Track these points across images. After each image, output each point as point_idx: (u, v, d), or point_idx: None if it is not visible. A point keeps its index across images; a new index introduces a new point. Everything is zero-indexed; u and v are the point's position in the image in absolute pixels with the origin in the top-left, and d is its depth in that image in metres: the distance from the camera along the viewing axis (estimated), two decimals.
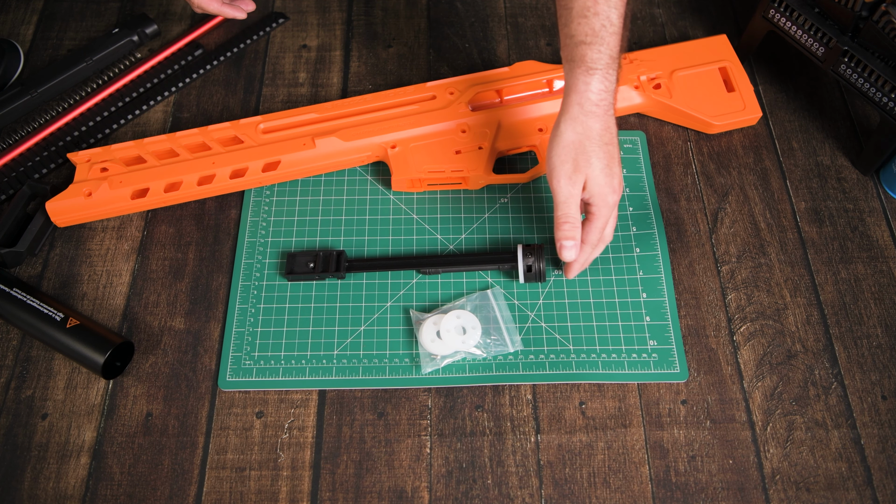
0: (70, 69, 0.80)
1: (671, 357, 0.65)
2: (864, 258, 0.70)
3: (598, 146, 0.58)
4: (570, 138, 0.59)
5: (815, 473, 0.60)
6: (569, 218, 0.60)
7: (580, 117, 0.58)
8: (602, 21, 0.57)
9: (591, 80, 0.58)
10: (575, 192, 0.59)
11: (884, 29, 0.66)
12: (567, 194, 0.59)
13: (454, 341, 0.63)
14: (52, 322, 0.63)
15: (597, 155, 0.58)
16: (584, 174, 0.59)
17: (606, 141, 0.59)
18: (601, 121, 0.58)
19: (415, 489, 0.59)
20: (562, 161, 0.59)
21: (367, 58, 0.84)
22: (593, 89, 0.58)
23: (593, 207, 0.60)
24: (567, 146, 0.59)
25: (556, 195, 0.60)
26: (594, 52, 0.57)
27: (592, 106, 0.58)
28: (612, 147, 0.59)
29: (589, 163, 0.58)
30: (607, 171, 0.59)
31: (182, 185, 0.71)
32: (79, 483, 0.59)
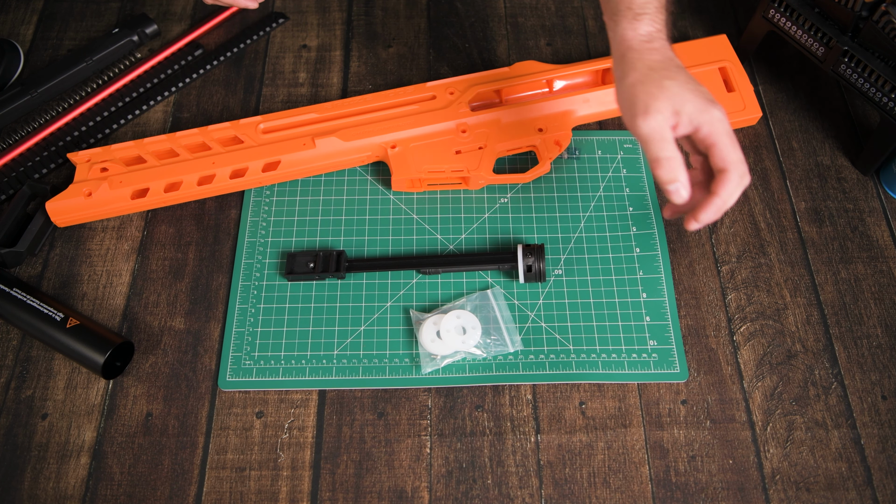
0: (70, 69, 0.80)
1: (671, 357, 0.65)
2: (864, 258, 0.70)
3: (668, 71, 0.52)
4: (634, 78, 0.52)
5: (815, 473, 0.60)
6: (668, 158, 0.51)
7: (633, 58, 0.53)
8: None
9: (639, 25, 0.54)
10: (657, 127, 0.51)
11: (884, 29, 0.66)
12: (654, 134, 0.51)
13: (454, 341, 0.63)
14: (52, 322, 0.63)
15: (672, 79, 0.51)
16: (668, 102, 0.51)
17: (675, 66, 0.53)
18: (660, 53, 0.53)
19: (415, 489, 0.59)
20: (630, 105, 0.52)
21: (367, 58, 0.84)
22: (642, 31, 0.53)
23: (703, 131, 0.51)
24: (634, 85, 0.52)
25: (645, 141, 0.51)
26: None
27: (644, 45, 0.53)
28: (685, 72, 0.53)
29: (665, 87, 0.51)
30: (692, 85, 0.51)
31: (182, 185, 0.71)
32: (79, 483, 0.59)
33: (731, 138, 0.52)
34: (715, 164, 0.52)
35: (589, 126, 0.78)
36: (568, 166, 0.75)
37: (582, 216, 0.72)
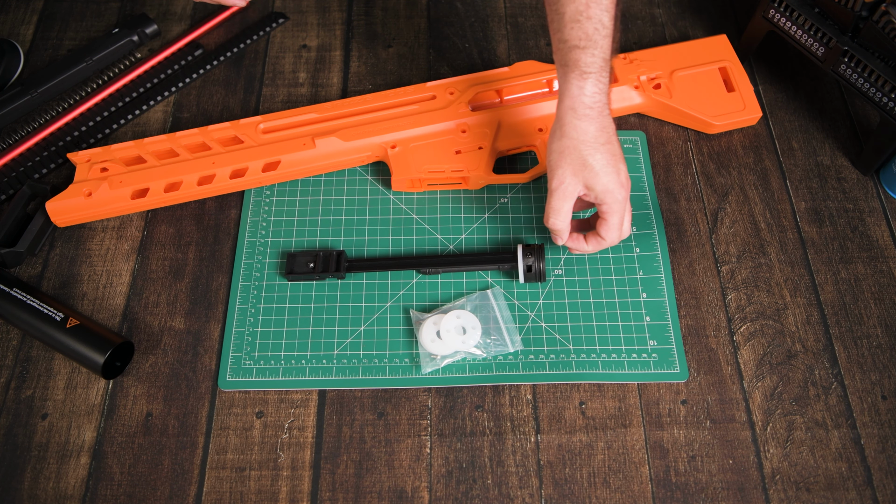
0: (70, 69, 0.80)
1: (671, 357, 0.65)
2: (864, 258, 0.70)
3: (593, 148, 0.59)
4: (565, 144, 0.59)
5: (815, 473, 0.60)
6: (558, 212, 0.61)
7: (574, 122, 0.59)
8: (595, 25, 0.58)
9: (585, 84, 0.58)
10: (566, 193, 0.60)
11: (884, 29, 0.66)
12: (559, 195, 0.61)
13: (454, 341, 0.63)
14: (52, 322, 0.63)
15: (593, 157, 0.59)
16: (581, 178, 0.59)
17: (603, 141, 0.59)
18: (595, 122, 0.59)
19: (415, 489, 0.59)
20: (557, 165, 0.60)
21: (367, 58, 0.84)
22: (587, 93, 0.59)
23: (604, 206, 0.61)
24: (562, 152, 0.59)
25: (551, 193, 0.61)
26: (588, 56, 0.58)
27: (586, 109, 0.59)
28: (611, 145, 0.60)
29: (586, 165, 0.59)
30: (609, 169, 0.59)
31: (182, 185, 0.71)
32: (79, 483, 0.59)
33: (620, 218, 0.61)
34: (598, 229, 0.63)
35: None
36: None
37: (582, 216, 0.72)
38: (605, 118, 0.60)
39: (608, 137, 0.59)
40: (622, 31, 0.86)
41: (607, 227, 0.62)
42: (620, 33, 0.64)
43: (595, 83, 0.59)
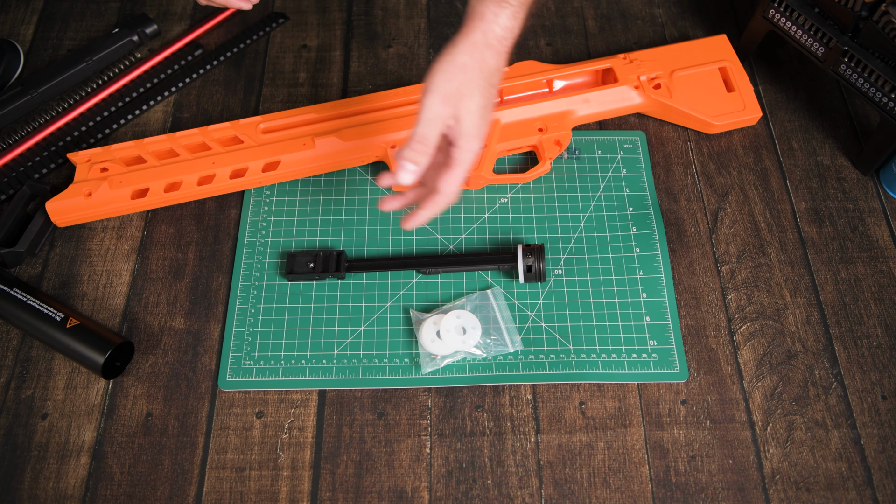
0: (70, 69, 0.80)
1: (671, 357, 0.65)
2: (864, 258, 0.70)
3: (486, 82, 0.54)
4: (463, 61, 0.54)
5: (815, 473, 0.60)
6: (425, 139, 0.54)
7: (480, 45, 0.54)
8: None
9: (501, 13, 0.54)
10: (443, 116, 0.54)
11: (884, 29, 0.66)
12: (434, 114, 0.54)
13: (454, 341, 0.63)
14: (52, 322, 0.63)
15: (482, 91, 0.54)
16: (459, 104, 0.54)
17: (494, 82, 0.55)
18: (499, 58, 0.55)
19: (415, 489, 0.59)
20: (446, 80, 0.54)
21: (367, 58, 0.84)
22: (500, 23, 0.54)
23: (457, 150, 0.55)
24: (457, 68, 0.54)
25: (424, 111, 0.54)
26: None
27: (495, 40, 0.54)
28: (495, 90, 0.55)
29: (472, 95, 0.54)
30: (484, 112, 0.54)
31: (182, 185, 0.71)
32: (79, 483, 0.59)
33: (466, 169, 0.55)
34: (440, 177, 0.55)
35: (589, 126, 0.78)
36: (568, 166, 0.75)
37: (582, 216, 0.72)
38: (504, 60, 0.56)
39: (498, 80, 0.56)
40: (622, 30, 0.86)
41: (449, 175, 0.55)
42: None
43: (511, 17, 0.54)
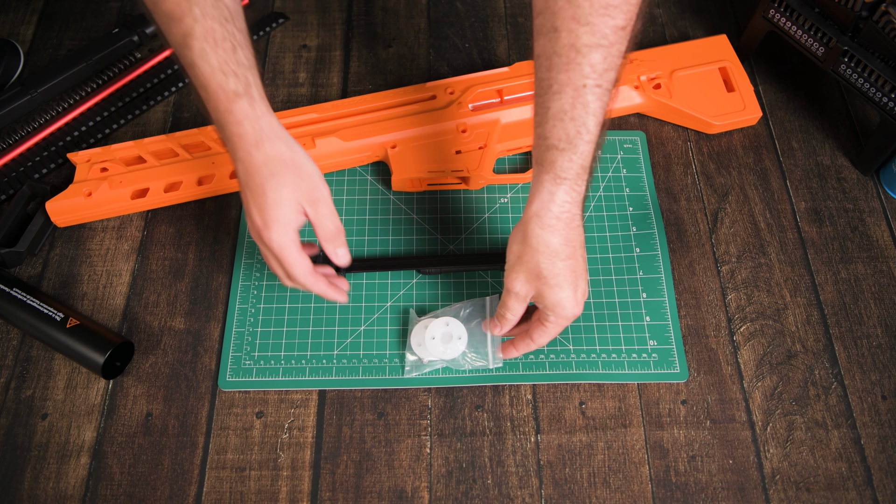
0: (70, 69, 0.80)
1: (671, 357, 0.65)
2: (864, 258, 0.70)
3: (552, 262, 0.54)
4: (524, 250, 0.55)
5: (815, 473, 0.60)
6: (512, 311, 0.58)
7: (536, 230, 0.54)
8: (578, 127, 0.51)
9: (557, 191, 0.53)
10: (523, 296, 0.56)
11: (884, 29, 0.66)
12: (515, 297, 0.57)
13: (436, 349, 0.62)
14: (52, 322, 0.63)
15: (550, 270, 0.54)
16: (535, 286, 0.55)
17: (565, 256, 0.54)
18: (560, 235, 0.54)
19: (415, 489, 0.59)
20: (515, 269, 0.56)
21: (367, 58, 0.84)
22: (557, 200, 0.53)
23: (550, 317, 0.56)
24: (521, 256, 0.55)
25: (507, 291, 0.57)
26: (565, 160, 0.52)
27: (553, 219, 0.53)
28: (574, 260, 0.55)
29: (541, 277, 0.54)
30: (565, 284, 0.54)
31: (182, 185, 0.71)
32: (79, 483, 0.59)
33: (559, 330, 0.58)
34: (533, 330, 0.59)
35: None
36: None
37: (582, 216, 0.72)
38: (573, 230, 0.54)
39: (572, 251, 0.54)
40: None
41: (544, 333, 0.58)
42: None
43: (568, 191, 0.53)
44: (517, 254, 0.56)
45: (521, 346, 0.61)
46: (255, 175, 0.53)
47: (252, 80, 0.53)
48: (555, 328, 0.58)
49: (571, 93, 0.51)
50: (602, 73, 0.50)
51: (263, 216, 0.54)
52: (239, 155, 0.54)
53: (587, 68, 0.50)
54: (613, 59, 0.50)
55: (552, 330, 0.58)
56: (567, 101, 0.51)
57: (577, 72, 0.50)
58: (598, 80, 0.50)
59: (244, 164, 0.54)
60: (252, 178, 0.54)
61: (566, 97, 0.51)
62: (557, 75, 0.51)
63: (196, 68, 0.52)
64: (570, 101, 0.51)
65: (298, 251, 0.55)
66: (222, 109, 0.53)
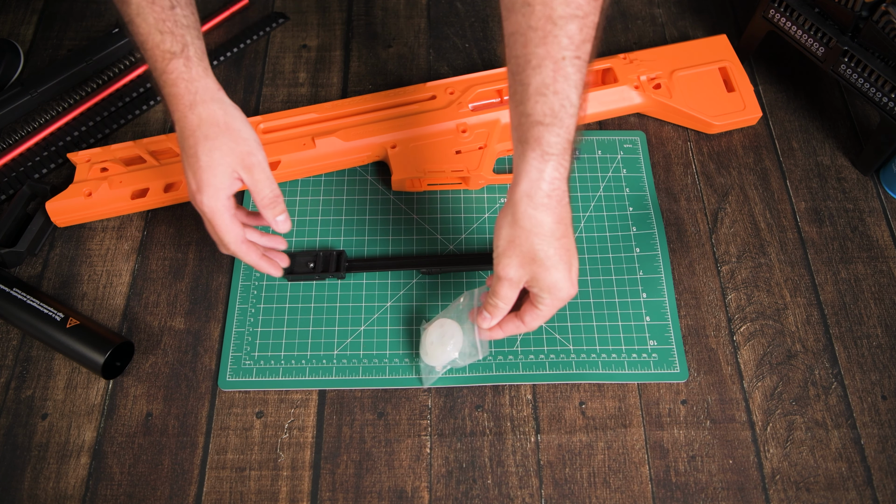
0: (70, 69, 0.80)
1: (671, 357, 0.65)
2: (864, 258, 0.70)
3: (547, 242, 0.52)
4: (517, 233, 0.53)
5: (815, 473, 0.60)
6: (504, 299, 0.56)
7: (528, 210, 0.52)
8: (562, 101, 0.50)
9: (546, 168, 0.51)
10: (516, 281, 0.54)
11: (884, 29, 0.66)
12: (508, 284, 0.55)
13: (436, 353, 0.62)
14: (52, 322, 0.63)
15: (546, 251, 0.52)
16: (529, 270, 0.53)
17: (559, 234, 0.52)
18: (553, 213, 0.52)
19: (415, 489, 0.59)
20: (507, 254, 0.54)
21: (367, 58, 0.84)
22: (547, 178, 0.51)
23: (545, 299, 0.55)
24: (513, 241, 0.53)
25: (498, 278, 0.55)
26: (552, 136, 0.51)
27: (544, 197, 0.52)
28: (567, 239, 0.53)
29: (536, 259, 0.53)
30: (561, 265, 0.53)
31: (182, 185, 0.71)
32: (79, 483, 0.59)
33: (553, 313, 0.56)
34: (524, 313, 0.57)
35: (589, 126, 0.78)
36: None
37: (582, 216, 0.72)
38: (564, 207, 0.53)
39: (564, 230, 0.53)
40: (622, 30, 0.86)
41: (537, 316, 0.56)
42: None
43: (557, 167, 0.51)
44: (508, 238, 0.53)
45: (508, 328, 0.58)
46: (189, 137, 0.53)
47: (190, 39, 0.52)
48: (549, 311, 0.56)
49: (552, 66, 0.49)
50: (580, 44, 0.49)
51: (197, 180, 0.53)
52: (175, 116, 0.53)
53: (565, 40, 0.49)
54: (589, 30, 0.50)
55: (546, 312, 0.56)
56: (548, 76, 0.49)
57: (556, 44, 0.49)
58: (577, 51, 0.49)
59: (179, 126, 0.53)
60: (186, 140, 0.53)
61: (547, 71, 0.50)
62: (535, 49, 0.50)
63: (134, 25, 0.51)
64: (551, 75, 0.49)
65: (231, 217, 0.55)
66: (158, 69, 0.52)
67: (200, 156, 0.53)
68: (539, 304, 0.55)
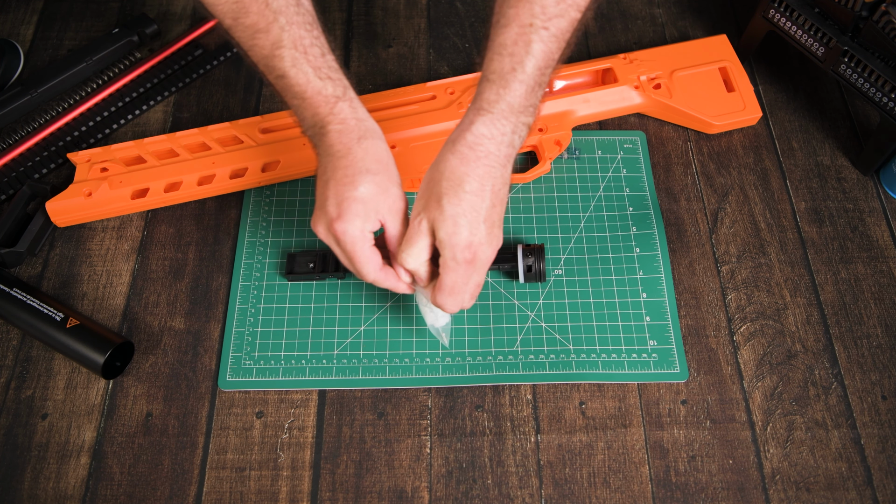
0: (70, 69, 0.80)
1: (671, 357, 0.65)
2: (864, 258, 0.70)
3: (454, 190, 0.50)
4: (431, 174, 0.52)
5: (815, 473, 0.60)
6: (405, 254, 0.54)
7: (447, 155, 0.51)
8: (514, 63, 0.50)
9: (476, 120, 0.51)
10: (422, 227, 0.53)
11: (884, 29, 0.66)
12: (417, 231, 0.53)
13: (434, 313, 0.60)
14: (52, 322, 0.63)
15: (449, 200, 0.50)
16: (430, 216, 0.52)
17: (470, 190, 0.50)
18: (469, 165, 0.50)
19: (415, 489, 0.59)
20: (419, 197, 0.53)
21: (367, 58, 0.84)
22: (473, 131, 0.51)
23: (443, 257, 0.52)
24: (428, 182, 0.52)
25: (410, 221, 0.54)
26: (492, 93, 0.50)
27: (464, 146, 0.51)
28: (479, 198, 0.51)
29: (439, 205, 0.51)
30: (461, 220, 0.50)
31: (182, 185, 0.71)
32: (79, 483, 0.59)
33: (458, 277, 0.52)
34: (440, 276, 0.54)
35: (589, 126, 0.78)
36: (568, 166, 0.75)
37: (582, 216, 0.72)
38: (486, 167, 0.51)
39: (479, 187, 0.51)
40: (622, 30, 0.86)
41: (442, 283, 0.53)
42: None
43: (488, 124, 0.50)
44: (425, 181, 0.53)
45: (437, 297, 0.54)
46: (350, 167, 0.52)
47: (347, 82, 0.54)
48: (452, 274, 0.52)
49: (517, 29, 0.50)
50: (552, 17, 0.49)
51: (341, 207, 0.52)
52: (335, 148, 0.53)
53: (537, 8, 0.49)
54: (566, 8, 0.50)
55: (449, 277, 0.52)
56: (510, 37, 0.50)
57: (527, 10, 0.49)
58: (546, 22, 0.49)
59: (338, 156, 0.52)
60: (346, 167, 0.52)
61: (510, 32, 0.50)
62: (507, 10, 0.50)
63: (289, 78, 0.52)
64: (512, 38, 0.50)
65: (371, 248, 0.54)
66: (322, 112, 0.53)
67: (359, 185, 0.52)
68: (442, 265, 0.52)
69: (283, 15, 0.50)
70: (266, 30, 0.50)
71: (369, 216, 0.53)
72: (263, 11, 0.50)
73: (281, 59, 0.51)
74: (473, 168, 0.51)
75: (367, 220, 0.53)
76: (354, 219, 0.52)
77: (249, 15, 0.50)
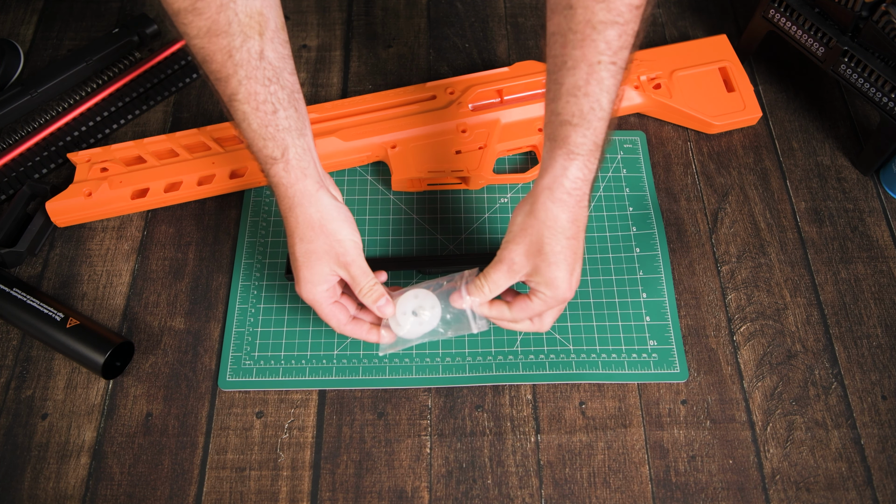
0: (70, 69, 0.80)
1: (671, 357, 0.65)
2: (864, 258, 0.70)
3: (556, 238, 0.53)
4: (531, 223, 0.54)
5: (815, 473, 0.60)
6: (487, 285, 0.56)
7: (547, 203, 0.53)
8: (591, 103, 0.51)
9: (570, 166, 0.53)
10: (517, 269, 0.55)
11: (884, 29, 0.66)
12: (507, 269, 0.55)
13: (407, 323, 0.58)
14: (52, 322, 0.63)
15: (553, 247, 0.53)
16: (533, 262, 0.54)
17: (570, 234, 0.54)
18: (570, 211, 0.53)
19: (415, 489, 0.59)
20: (516, 240, 0.55)
21: (367, 58, 0.84)
22: (570, 176, 0.53)
23: (541, 296, 0.55)
24: (525, 229, 0.54)
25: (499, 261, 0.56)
26: (578, 136, 0.52)
27: (564, 194, 0.53)
28: (576, 241, 0.54)
29: (542, 252, 0.54)
30: (564, 265, 0.54)
31: (182, 185, 0.71)
32: (79, 483, 0.59)
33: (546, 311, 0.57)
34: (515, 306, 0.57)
35: None
36: None
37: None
38: (581, 209, 0.54)
39: (576, 231, 0.54)
40: None
41: (526, 307, 0.56)
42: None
43: (581, 167, 0.53)
44: (521, 225, 0.55)
45: (493, 312, 0.58)
46: (291, 237, 0.57)
47: (291, 141, 0.54)
48: (541, 306, 0.56)
49: (586, 69, 0.50)
50: (617, 50, 0.50)
51: (298, 274, 0.57)
52: (282, 211, 0.57)
53: (602, 44, 0.50)
54: (628, 38, 0.50)
55: (537, 307, 0.56)
56: (581, 77, 0.51)
57: (593, 48, 0.50)
58: (613, 57, 0.50)
59: (285, 221, 0.57)
60: (289, 238, 0.57)
61: (580, 73, 0.51)
62: (572, 51, 0.51)
63: (241, 129, 0.55)
64: (584, 77, 0.51)
65: (329, 307, 0.58)
66: (263, 171, 0.56)
67: (298, 256, 0.56)
68: (533, 297, 0.56)
69: (244, 68, 0.51)
70: (226, 80, 0.52)
71: (319, 278, 0.56)
72: (225, 62, 0.51)
73: (235, 110, 0.53)
74: (572, 213, 0.53)
75: (318, 282, 0.56)
76: (307, 284, 0.57)
77: (213, 63, 0.51)
